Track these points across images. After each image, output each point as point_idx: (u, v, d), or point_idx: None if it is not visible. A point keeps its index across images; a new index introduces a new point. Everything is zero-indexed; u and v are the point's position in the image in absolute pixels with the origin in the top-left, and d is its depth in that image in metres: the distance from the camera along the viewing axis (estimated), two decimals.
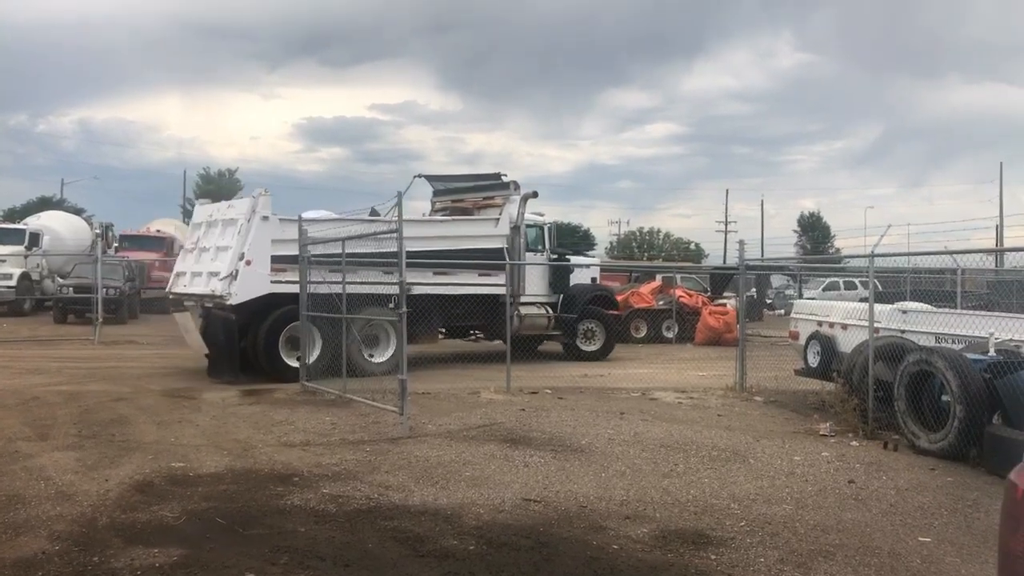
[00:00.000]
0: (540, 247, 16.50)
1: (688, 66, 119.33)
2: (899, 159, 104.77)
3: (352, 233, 10.36)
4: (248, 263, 12.08)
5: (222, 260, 12.45)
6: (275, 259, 12.24)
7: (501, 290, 13.35)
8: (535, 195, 15.44)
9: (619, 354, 18.04)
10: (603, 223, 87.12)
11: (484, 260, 14.21)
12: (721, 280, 25.93)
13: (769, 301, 22.17)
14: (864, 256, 9.42)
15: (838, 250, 64.12)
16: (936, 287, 16.37)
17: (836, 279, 36.27)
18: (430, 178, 17.01)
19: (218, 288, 12.16)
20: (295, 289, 11.53)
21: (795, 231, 69.04)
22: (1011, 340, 9.18)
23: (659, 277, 25.85)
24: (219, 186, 61.86)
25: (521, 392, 11.92)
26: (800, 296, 23.55)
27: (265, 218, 12.38)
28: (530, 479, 7.01)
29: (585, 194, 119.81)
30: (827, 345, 11.13)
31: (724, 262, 57.34)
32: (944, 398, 8.38)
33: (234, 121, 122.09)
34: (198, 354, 13.38)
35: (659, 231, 78.64)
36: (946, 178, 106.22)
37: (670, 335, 21.49)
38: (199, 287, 13.20)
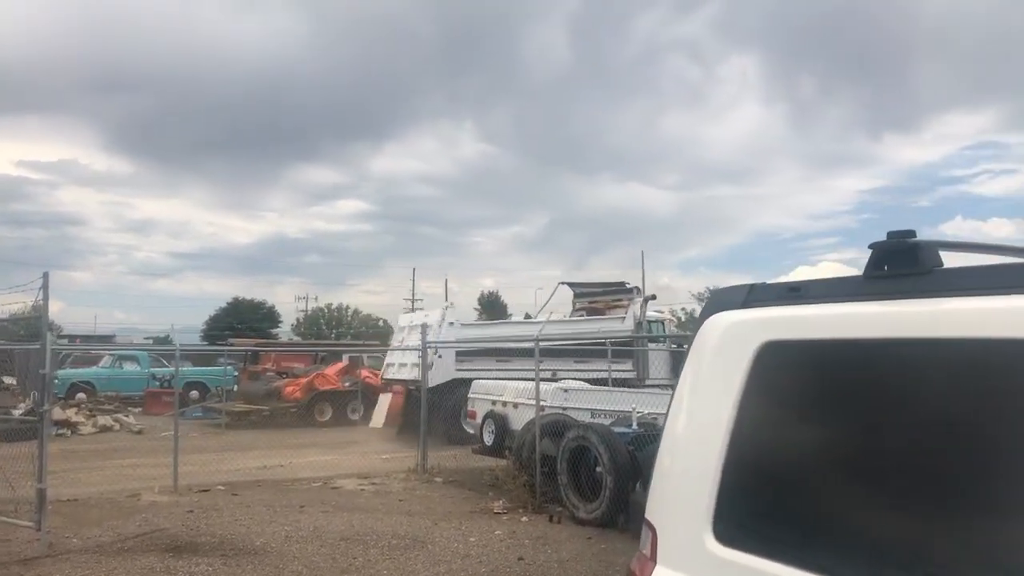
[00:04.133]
0: (661, 338, 19.67)
1: (378, 148, 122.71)
2: (564, 244, 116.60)
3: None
4: (440, 356, 16.10)
5: (414, 355, 16.04)
6: (458, 354, 16.77)
7: (630, 375, 16.63)
8: (654, 298, 19.35)
9: (302, 439, 17.44)
10: (290, 299, 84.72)
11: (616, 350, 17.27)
12: None
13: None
14: (531, 339, 10.23)
15: None
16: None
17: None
18: (571, 284, 21.06)
19: (417, 375, 15.38)
20: (471, 375, 15.23)
21: (476, 308, 73.05)
22: (650, 413, 10.50)
23: (346, 357, 25.64)
24: None
25: (190, 491, 10.96)
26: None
27: (451, 324, 17.30)
28: None
29: (271, 268, 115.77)
30: (500, 423, 11.81)
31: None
32: (598, 470, 9.28)
33: None
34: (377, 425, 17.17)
35: (348, 307, 78.39)
36: (603, 262, 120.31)
37: (355, 416, 21.28)
38: (405, 374, 17.74)
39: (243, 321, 54.65)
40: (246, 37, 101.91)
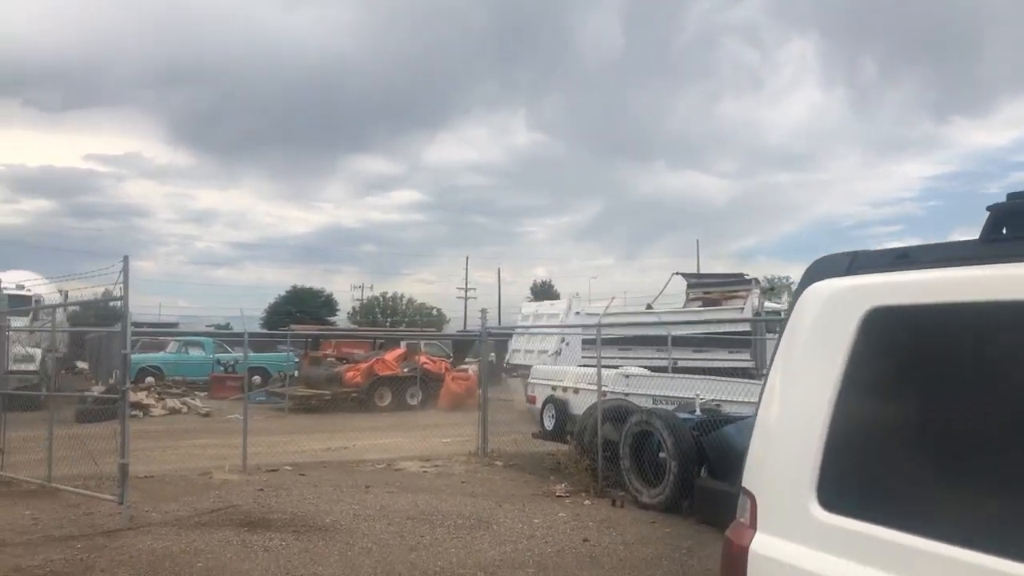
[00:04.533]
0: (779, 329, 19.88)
1: (431, 137, 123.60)
2: (616, 233, 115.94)
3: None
4: (567, 344, 17.89)
5: (549, 342, 18.41)
6: (583, 341, 17.61)
7: (747, 364, 16.61)
8: (772, 289, 21.59)
9: (363, 424, 17.78)
10: (346, 287, 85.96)
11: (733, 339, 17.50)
12: (463, 346, 26.69)
13: (507, 366, 23.48)
14: (593, 325, 10.23)
15: None
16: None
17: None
18: (685, 275, 21.66)
19: (547, 361, 17.21)
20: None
21: (528, 298, 73.16)
22: (712, 400, 10.42)
23: (403, 344, 25.97)
24: None
25: (259, 470, 11.27)
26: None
27: (577, 313, 18.69)
28: (271, 565, 6.61)
29: (328, 258, 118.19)
30: (561, 408, 11.86)
31: (464, 327, 59.14)
32: (662, 455, 9.25)
33: None
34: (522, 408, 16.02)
35: (402, 296, 79.26)
36: (654, 252, 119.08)
37: (414, 402, 21.57)
38: (533, 360, 18.32)
39: (302, 309, 55.75)
40: (301, 29, 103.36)
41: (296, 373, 24.62)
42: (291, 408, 20.50)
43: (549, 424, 12.02)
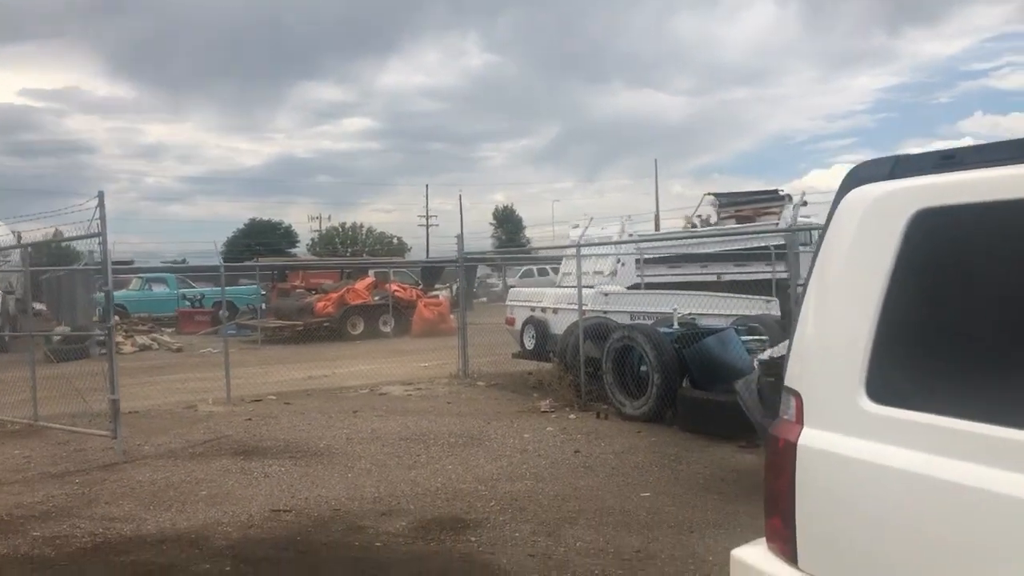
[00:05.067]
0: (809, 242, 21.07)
1: (382, 63, 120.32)
2: (576, 155, 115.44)
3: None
4: (623, 264, 17.27)
5: (604, 263, 17.34)
6: (636, 261, 17.29)
7: (782, 275, 16.95)
8: (805, 204, 18.81)
9: (338, 352, 17.88)
10: (303, 219, 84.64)
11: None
12: (432, 273, 26.72)
13: (475, 290, 23.73)
14: (573, 246, 10.32)
15: (528, 240, 69.08)
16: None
17: (531, 267, 39.15)
18: (717, 195, 21.21)
19: (603, 281, 16.07)
20: (650, 280, 16.22)
21: (491, 223, 72.97)
22: (689, 313, 10.66)
23: (371, 272, 25.89)
24: None
25: (243, 401, 11.33)
26: (504, 284, 25.09)
27: (630, 235, 17.75)
28: (274, 489, 6.73)
29: (282, 189, 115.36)
30: (541, 329, 12.04)
31: (427, 255, 58.94)
32: (643, 368, 9.50)
33: None
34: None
35: (361, 226, 78.42)
36: (614, 173, 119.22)
37: (387, 329, 21.70)
38: (585, 281, 18.56)
39: (261, 242, 54.93)
40: None
41: (264, 305, 24.50)
42: (264, 340, 20.46)
43: (529, 344, 12.22)
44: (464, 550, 5.21)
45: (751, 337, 9.66)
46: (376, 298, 22.06)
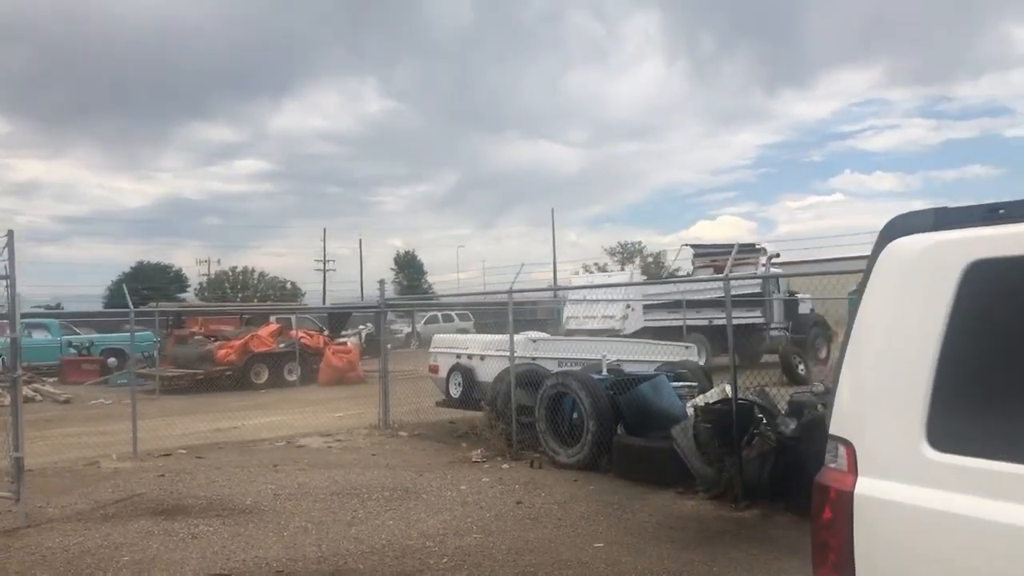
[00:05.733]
0: (777, 290, 22.33)
1: (277, 104, 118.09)
2: (474, 203, 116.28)
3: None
4: (632, 309, 19.08)
5: (614, 307, 19.20)
6: (644, 306, 19.56)
7: (759, 320, 21.12)
8: (778, 256, 22.31)
9: (243, 403, 17.10)
10: (191, 262, 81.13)
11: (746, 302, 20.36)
12: (338, 319, 26.09)
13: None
14: (504, 292, 10.30)
15: (431, 285, 68.80)
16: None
17: (435, 312, 38.95)
18: (693, 246, 24.06)
19: (615, 325, 18.83)
20: (657, 324, 18.87)
21: (392, 268, 72.25)
22: (617, 360, 10.79)
23: (273, 319, 25.06)
24: None
25: (151, 456, 10.61)
26: (414, 331, 24.81)
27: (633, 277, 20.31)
28: (206, 552, 6.27)
29: (168, 231, 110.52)
30: (468, 376, 11.88)
31: (324, 301, 57.69)
32: (576, 416, 9.49)
33: None
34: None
35: (253, 270, 76.13)
36: (511, 220, 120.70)
37: (293, 378, 20.95)
38: (595, 325, 19.57)
39: (149, 286, 52.31)
40: None
41: (155, 353, 23.23)
42: (161, 390, 19.34)
43: (455, 392, 12.04)
44: None
45: (681, 383, 9.85)
46: (281, 345, 21.32)
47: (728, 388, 8.71)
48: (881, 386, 2.28)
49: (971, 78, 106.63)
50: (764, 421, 7.99)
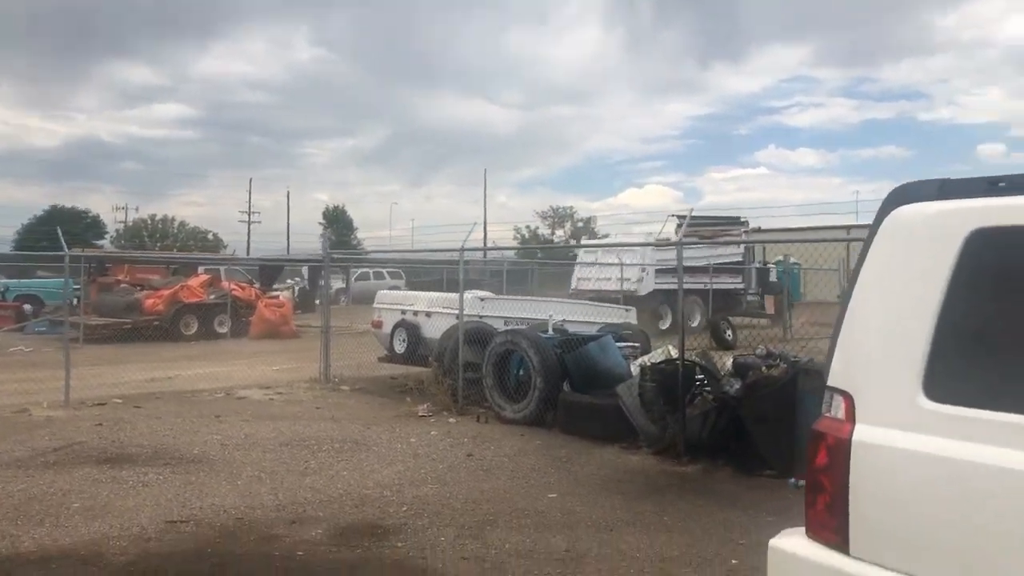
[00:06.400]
0: (753, 259, 24.77)
1: (201, 46, 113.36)
2: (403, 160, 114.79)
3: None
4: (646, 272, 21.45)
5: (630, 271, 21.50)
6: (656, 271, 21.39)
7: (740, 285, 23.84)
8: (759, 229, 23.80)
9: (173, 354, 16.73)
10: (107, 209, 77.62)
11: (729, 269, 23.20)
12: (271, 272, 25.56)
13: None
14: (456, 250, 10.32)
15: (360, 241, 67.93)
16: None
17: (367, 269, 38.58)
18: (679, 216, 23.70)
19: (631, 287, 21.23)
20: (668, 287, 20.13)
21: (320, 223, 70.83)
22: (563, 320, 11.00)
23: (201, 269, 24.39)
24: None
25: (84, 405, 10.32)
26: (348, 286, 24.55)
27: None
28: (160, 499, 6.21)
29: (82, 174, 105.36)
30: (414, 332, 11.90)
31: (248, 253, 56.26)
32: (522, 373, 9.67)
33: None
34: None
35: (173, 219, 73.64)
36: (441, 179, 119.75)
37: (223, 330, 20.51)
38: (606, 286, 22.01)
39: (64, 231, 49.88)
40: None
41: (76, 301, 22.36)
42: (84, 339, 18.66)
43: (400, 348, 12.05)
44: (394, 556, 5.08)
45: (625, 344, 10.12)
46: (212, 296, 20.81)
47: (673, 349, 9.02)
48: (882, 342, 2.46)
49: (892, 61, 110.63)
50: (705, 381, 8.32)
